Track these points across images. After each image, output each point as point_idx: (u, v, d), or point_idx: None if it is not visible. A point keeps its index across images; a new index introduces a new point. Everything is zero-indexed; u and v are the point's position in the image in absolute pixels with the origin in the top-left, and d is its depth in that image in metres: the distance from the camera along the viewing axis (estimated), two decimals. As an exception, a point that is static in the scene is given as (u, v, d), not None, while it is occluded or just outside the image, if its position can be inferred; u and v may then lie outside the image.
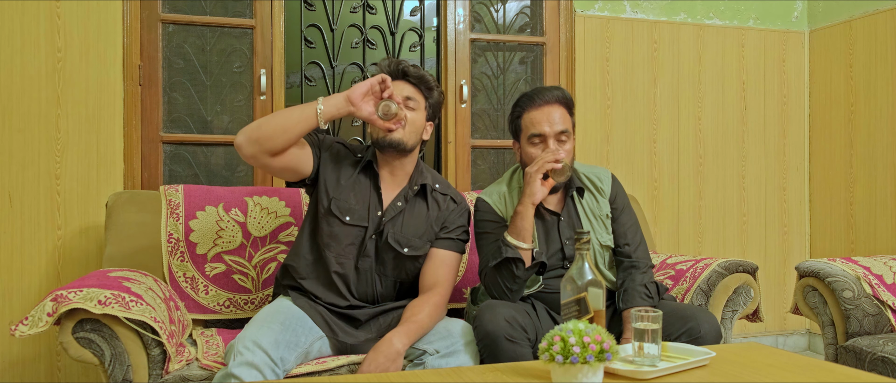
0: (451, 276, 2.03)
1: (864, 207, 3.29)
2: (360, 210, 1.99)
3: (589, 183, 2.13)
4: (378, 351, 1.80)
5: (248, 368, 1.65)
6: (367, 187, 2.02)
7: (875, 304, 2.21)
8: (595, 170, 2.17)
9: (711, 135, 3.44)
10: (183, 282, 2.23)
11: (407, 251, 1.99)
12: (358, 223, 1.98)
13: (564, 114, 2.03)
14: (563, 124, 2.01)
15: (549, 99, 2.03)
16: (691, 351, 1.60)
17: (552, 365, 1.34)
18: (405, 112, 1.98)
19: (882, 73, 3.20)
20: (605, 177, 2.15)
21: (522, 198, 1.94)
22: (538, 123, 2.01)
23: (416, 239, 2.00)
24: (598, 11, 3.26)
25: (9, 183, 2.50)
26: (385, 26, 3.07)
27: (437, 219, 2.04)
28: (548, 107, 2.02)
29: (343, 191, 1.99)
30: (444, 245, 2.03)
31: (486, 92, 3.20)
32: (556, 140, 2.00)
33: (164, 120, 2.74)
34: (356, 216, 1.98)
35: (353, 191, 2.00)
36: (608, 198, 2.12)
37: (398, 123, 1.95)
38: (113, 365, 1.74)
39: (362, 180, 2.03)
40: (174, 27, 2.75)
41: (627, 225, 2.11)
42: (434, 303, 1.93)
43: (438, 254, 2.02)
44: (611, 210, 2.11)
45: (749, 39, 3.50)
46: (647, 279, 2.02)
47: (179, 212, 2.30)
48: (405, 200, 2.02)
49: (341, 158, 2.04)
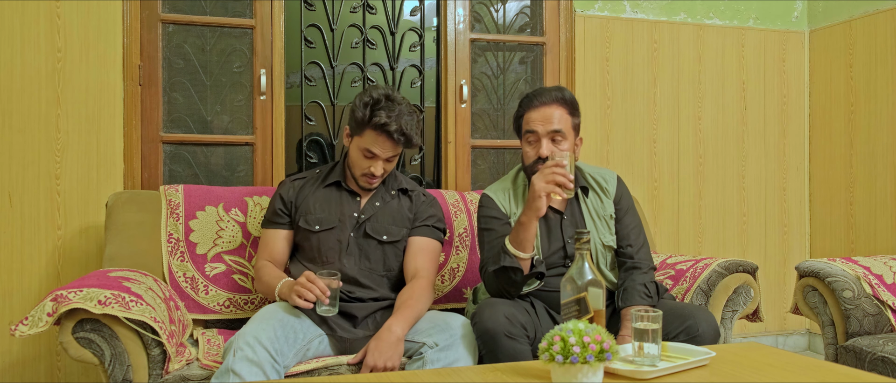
0: (431, 262, 2.12)
1: (864, 207, 3.29)
2: (328, 216, 2.10)
3: (594, 183, 2.13)
4: (380, 339, 1.84)
5: (248, 364, 1.65)
6: (335, 196, 2.14)
7: (875, 304, 2.21)
8: (600, 171, 2.17)
9: (711, 135, 3.44)
10: (183, 281, 2.23)
11: (385, 238, 2.09)
12: (328, 226, 2.09)
13: (563, 114, 2.03)
14: (560, 124, 2.02)
15: (547, 99, 2.04)
16: (691, 351, 1.60)
17: (552, 364, 1.34)
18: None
19: (882, 73, 3.20)
20: (610, 178, 2.15)
21: (527, 209, 1.91)
22: (532, 122, 2.04)
23: (392, 227, 2.12)
24: (598, 11, 3.26)
25: (9, 183, 2.50)
26: (385, 26, 3.07)
27: (411, 210, 2.17)
28: (545, 108, 2.03)
29: (309, 207, 2.12)
30: (419, 232, 2.14)
31: (486, 92, 3.20)
32: (550, 139, 2.01)
33: (164, 120, 2.73)
34: (325, 223, 2.09)
35: (320, 204, 2.12)
36: (613, 198, 2.12)
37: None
38: (113, 365, 1.74)
39: (332, 193, 2.15)
40: (174, 27, 2.75)
41: (631, 226, 2.11)
42: (421, 287, 2.01)
43: (415, 241, 2.13)
44: (615, 211, 2.11)
45: (749, 39, 3.50)
46: (647, 279, 2.03)
47: (179, 212, 2.30)
48: (383, 201, 2.15)
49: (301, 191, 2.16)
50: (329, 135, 3.01)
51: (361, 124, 2.02)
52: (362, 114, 2.01)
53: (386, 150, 2.04)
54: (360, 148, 2.05)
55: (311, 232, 2.08)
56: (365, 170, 2.06)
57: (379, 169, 2.05)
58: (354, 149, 2.08)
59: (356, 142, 2.07)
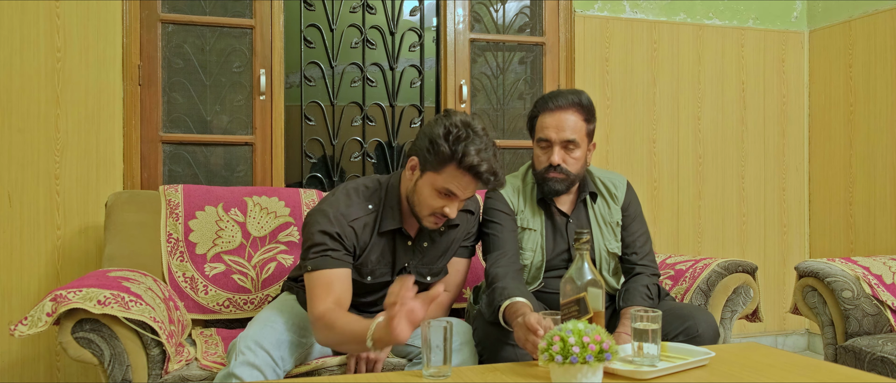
0: (460, 281, 2.07)
1: (864, 207, 3.29)
2: (382, 268, 1.90)
3: (603, 188, 2.12)
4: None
5: (250, 368, 1.65)
6: (390, 245, 1.90)
7: (874, 304, 2.21)
8: (611, 176, 2.15)
9: (711, 136, 3.44)
10: (182, 281, 2.23)
11: (430, 280, 1.97)
12: (381, 279, 1.91)
13: (578, 120, 1.99)
14: (574, 132, 1.97)
15: (562, 104, 1.99)
16: (691, 351, 1.60)
17: (552, 365, 1.35)
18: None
19: (881, 73, 3.20)
20: (620, 184, 2.14)
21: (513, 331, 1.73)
22: (546, 128, 1.99)
23: (436, 264, 1.97)
24: (598, 11, 3.26)
25: (8, 183, 2.50)
26: (384, 26, 3.07)
27: (462, 235, 2.02)
28: (560, 113, 1.98)
29: (366, 260, 1.87)
30: (459, 253, 2.05)
31: (486, 92, 3.20)
32: (563, 147, 1.98)
33: (164, 120, 2.73)
34: (378, 274, 1.90)
35: (376, 257, 1.88)
36: (621, 205, 2.11)
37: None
38: (112, 366, 1.74)
39: (387, 241, 1.89)
40: (174, 27, 2.75)
41: (637, 234, 2.10)
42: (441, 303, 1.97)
43: (455, 263, 2.04)
44: (622, 217, 2.10)
45: (748, 40, 3.50)
46: (650, 282, 2.03)
47: (179, 212, 2.30)
48: (432, 240, 1.95)
49: (356, 225, 1.84)
50: (329, 136, 3.01)
51: (444, 160, 1.72)
52: (448, 150, 1.71)
53: (468, 191, 1.77)
54: (435, 186, 1.76)
55: (362, 282, 1.88)
56: (437, 211, 1.78)
57: (454, 211, 1.78)
58: (427, 187, 1.77)
59: (430, 178, 1.76)
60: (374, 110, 3.08)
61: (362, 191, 1.88)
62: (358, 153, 3.06)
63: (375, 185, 1.91)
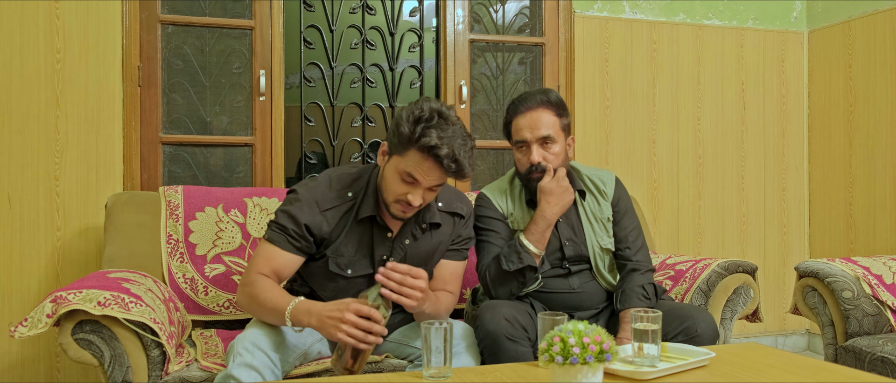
0: (458, 284, 2.02)
1: (864, 207, 3.29)
2: (360, 260, 1.87)
3: (592, 185, 2.13)
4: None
5: (248, 370, 1.65)
6: (367, 234, 1.87)
7: (874, 304, 2.21)
8: (599, 173, 2.17)
9: (711, 136, 3.44)
10: (182, 283, 2.23)
11: None
12: (361, 273, 1.88)
13: (551, 117, 2.00)
14: (548, 129, 1.99)
15: (532, 104, 2.01)
16: (691, 351, 1.60)
17: (552, 365, 1.34)
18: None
19: (881, 73, 3.20)
20: (608, 180, 2.15)
21: (553, 207, 1.93)
22: (521, 130, 2.01)
23: (425, 265, 1.89)
24: (598, 12, 3.26)
25: (8, 184, 2.50)
26: (384, 27, 3.07)
27: (448, 239, 1.97)
28: (531, 113, 2.00)
29: (341, 249, 1.85)
30: (451, 256, 1.99)
31: (486, 92, 3.20)
32: (540, 145, 2.00)
33: (164, 121, 2.73)
34: (357, 267, 1.87)
35: (353, 246, 1.86)
36: (610, 200, 2.12)
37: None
38: (112, 367, 1.74)
39: (365, 229, 1.87)
40: (173, 28, 2.75)
41: (629, 228, 2.11)
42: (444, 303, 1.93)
43: (446, 265, 1.98)
44: (613, 213, 2.11)
45: (748, 40, 3.50)
46: (645, 280, 2.03)
47: (179, 213, 2.30)
48: (414, 237, 1.91)
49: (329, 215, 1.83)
50: (329, 137, 3.01)
51: (406, 142, 1.70)
52: (409, 131, 1.68)
53: (430, 178, 1.72)
54: (398, 170, 1.73)
55: (343, 276, 1.87)
56: (400, 197, 1.75)
57: (417, 198, 1.74)
58: (391, 171, 1.76)
59: (395, 162, 1.74)
60: (374, 111, 3.08)
61: (345, 178, 1.89)
62: (358, 154, 3.06)
63: (359, 173, 1.91)
